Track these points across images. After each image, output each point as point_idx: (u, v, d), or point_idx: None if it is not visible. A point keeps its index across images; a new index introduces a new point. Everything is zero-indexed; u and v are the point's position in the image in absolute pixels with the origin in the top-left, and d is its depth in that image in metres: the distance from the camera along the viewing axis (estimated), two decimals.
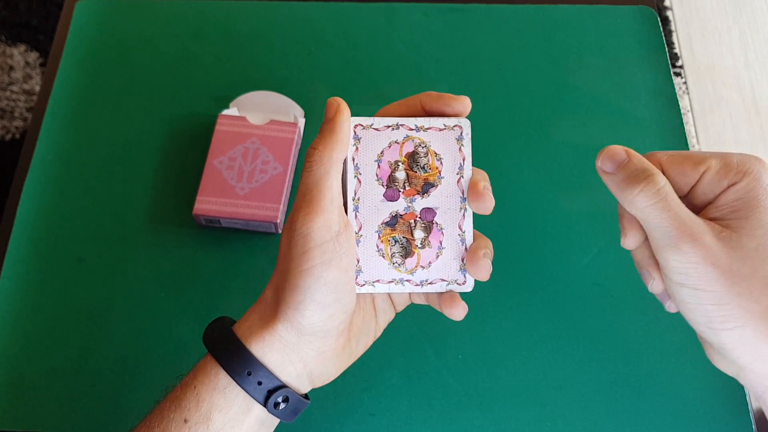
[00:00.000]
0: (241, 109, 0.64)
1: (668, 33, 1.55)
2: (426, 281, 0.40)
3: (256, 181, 0.60)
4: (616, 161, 0.37)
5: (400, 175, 0.39)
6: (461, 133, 0.39)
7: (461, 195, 0.39)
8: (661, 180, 0.36)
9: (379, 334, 0.44)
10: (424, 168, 0.39)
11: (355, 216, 0.39)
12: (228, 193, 0.59)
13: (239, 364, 0.38)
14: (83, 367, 0.56)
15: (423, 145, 0.39)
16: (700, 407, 0.55)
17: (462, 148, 0.39)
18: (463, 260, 0.40)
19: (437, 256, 0.40)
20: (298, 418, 0.41)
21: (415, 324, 0.58)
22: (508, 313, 0.58)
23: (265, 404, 0.38)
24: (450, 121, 0.39)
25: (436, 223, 0.40)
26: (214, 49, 0.71)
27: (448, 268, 0.40)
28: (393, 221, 0.39)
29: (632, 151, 0.37)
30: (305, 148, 0.65)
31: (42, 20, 1.47)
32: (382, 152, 0.39)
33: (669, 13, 1.58)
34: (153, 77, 0.69)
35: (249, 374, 0.37)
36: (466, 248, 0.40)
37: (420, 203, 0.39)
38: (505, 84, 0.69)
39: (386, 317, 0.44)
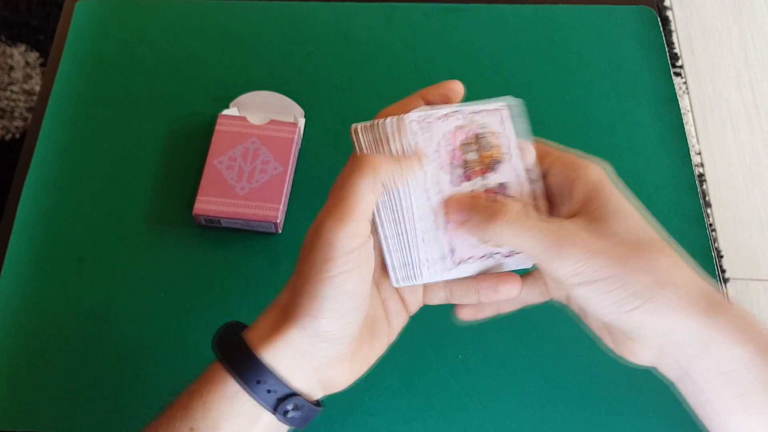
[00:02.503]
0: (241, 109, 0.64)
1: (668, 33, 1.55)
2: (514, 251, 0.41)
3: (256, 181, 0.60)
4: (464, 208, 0.39)
5: (472, 156, 0.40)
6: (505, 115, 0.41)
7: (524, 168, 0.41)
8: (513, 206, 0.38)
9: (393, 338, 0.43)
10: (490, 147, 0.40)
11: (440, 199, 0.40)
12: (228, 193, 0.59)
13: (249, 372, 0.37)
14: (83, 367, 0.56)
15: (483, 126, 0.40)
16: None
17: (508, 127, 0.41)
18: None
19: None
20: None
21: (415, 324, 0.58)
22: (508, 313, 0.58)
23: (275, 412, 0.37)
24: (494, 105, 0.41)
25: (512, 197, 0.40)
26: (214, 49, 0.71)
27: None
28: None
29: (474, 193, 0.39)
30: (305, 148, 0.65)
31: (42, 20, 1.47)
32: (450, 138, 0.40)
33: (669, 13, 1.58)
34: (153, 77, 0.69)
35: (258, 382, 0.37)
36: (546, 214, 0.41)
37: (493, 179, 0.40)
38: (505, 84, 0.69)
39: (400, 320, 0.43)
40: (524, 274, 0.42)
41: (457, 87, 0.40)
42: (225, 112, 0.63)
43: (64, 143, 0.65)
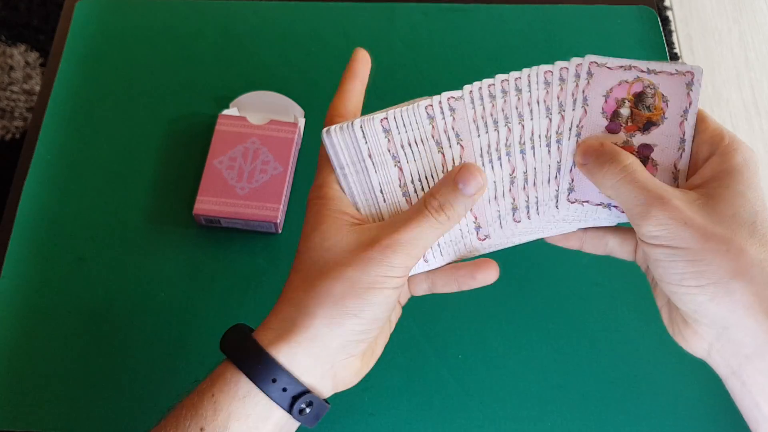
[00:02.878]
0: (241, 109, 0.64)
1: (668, 33, 1.55)
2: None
3: (256, 181, 0.60)
4: (590, 152, 0.39)
5: (625, 111, 0.40)
6: (692, 79, 0.40)
7: (681, 137, 0.40)
8: (626, 158, 0.38)
9: (392, 330, 0.44)
10: (648, 108, 0.40)
11: (576, 141, 0.40)
12: (228, 193, 0.59)
13: (264, 370, 0.37)
14: (83, 367, 0.56)
15: (652, 87, 0.40)
16: (699, 407, 0.55)
17: (690, 93, 0.40)
18: None
19: None
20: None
21: (415, 324, 0.58)
22: (508, 313, 0.58)
23: (290, 410, 0.38)
24: (683, 67, 0.40)
25: (652, 159, 0.40)
26: (214, 49, 0.71)
27: None
28: None
29: (605, 141, 0.40)
30: (305, 148, 0.65)
31: (42, 20, 1.47)
32: (611, 89, 0.40)
33: (669, 13, 1.58)
34: (153, 77, 0.69)
35: (274, 381, 0.37)
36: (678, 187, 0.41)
37: (639, 139, 0.40)
38: None
39: (396, 314, 0.44)
40: (626, 227, 0.42)
41: (362, 54, 0.45)
42: (225, 112, 0.63)
43: (64, 143, 0.65)
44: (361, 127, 0.40)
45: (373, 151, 0.40)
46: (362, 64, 0.44)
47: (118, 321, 0.58)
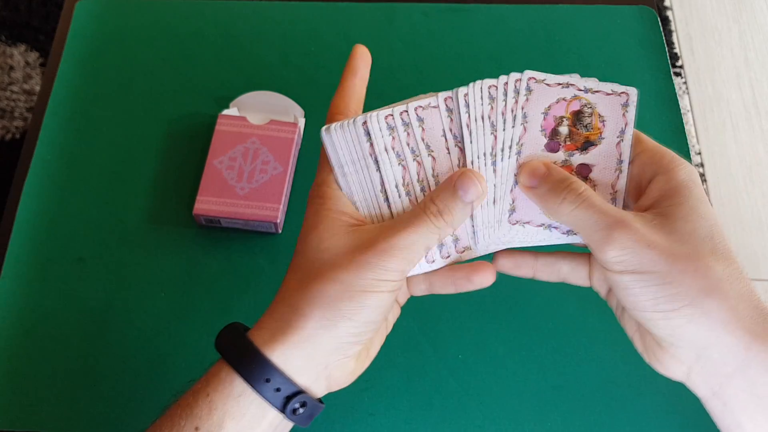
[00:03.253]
0: (241, 109, 0.64)
1: (668, 33, 1.55)
2: (572, 231, 0.41)
3: (256, 181, 0.60)
4: (537, 175, 0.39)
5: (563, 129, 0.40)
6: (627, 100, 0.41)
7: (618, 158, 0.41)
8: (581, 184, 0.38)
9: (389, 331, 0.44)
10: (587, 127, 0.41)
11: (517, 160, 0.40)
12: (228, 193, 0.59)
13: (258, 370, 0.37)
14: (83, 367, 0.56)
15: (589, 106, 0.41)
16: (699, 407, 0.55)
17: (626, 113, 0.41)
18: None
19: None
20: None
21: (415, 324, 0.58)
22: (508, 313, 0.58)
23: (283, 410, 0.38)
24: (618, 88, 0.41)
25: (590, 179, 0.41)
26: (214, 49, 0.71)
27: None
28: None
29: (550, 164, 0.39)
30: (305, 148, 0.65)
31: (42, 20, 1.47)
32: (549, 106, 0.40)
33: (669, 13, 1.58)
34: (153, 77, 0.69)
35: (267, 381, 0.37)
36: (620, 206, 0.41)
37: (578, 158, 0.41)
38: None
39: (394, 314, 0.44)
40: (577, 251, 0.42)
41: (362, 51, 0.44)
42: (225, 112, 0.63)
43: (64, 143, 0.65)
44: (363, 124, 0.39)
45: (376, 149, 0.40)
46: (362, 60, 0.44)
47: (118, 321, 0.58)
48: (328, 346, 0.38)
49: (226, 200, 0.59)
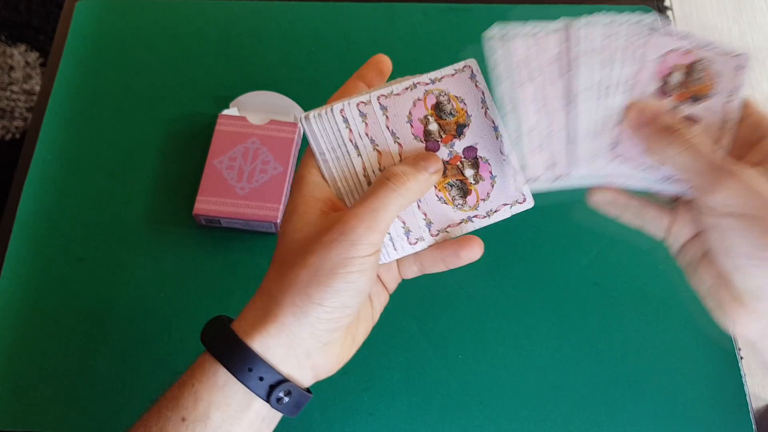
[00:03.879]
0: (241, 109, 0.64)
1: None
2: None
3: (256, 181, 0.60)
4: (647, 115, 0.39)
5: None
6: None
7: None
8: (693, 130, 0.38)
9: (376, 319, 0.44)
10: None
11: (625, 98, 0.41)
12: (228, 193, 0.59)
13: (240, 360, 0.38)
14: (83, 367, 0.56)
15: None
16: (700, 407, 0.55)
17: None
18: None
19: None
20: (298, 416, 0.41)
21: (415, 324, 0.58)
22: (508, 313, 0.58)
23: (267, 399, 0.38)
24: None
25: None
26: (214, 49, 0.71)
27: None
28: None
29: (661, 107, 0.40)
30: (305, 148, 0.65)
31: (42, 20, 1.47)
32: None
33: (669, 13, 1.58)
34: (153, 77, 0.69)
35: (250, 370, 0.37)
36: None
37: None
38: None
39: (381, 300, 0.44)
40: (664, 204, 0.42)
41: (385, 59, 0.44)
42: (225, 112, 0.63)
43: (64, 143, 0.65)
44: (341, 111, 0.40)
45: (355, 135, 0.40)
46: (373, 68, 0.44)
47: (118, 320, 0.58)
48: (302, 333, 0.38)
49: (226, 200, 0.59)
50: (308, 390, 0.40)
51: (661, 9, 1.57)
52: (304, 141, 0.65)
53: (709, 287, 0.40)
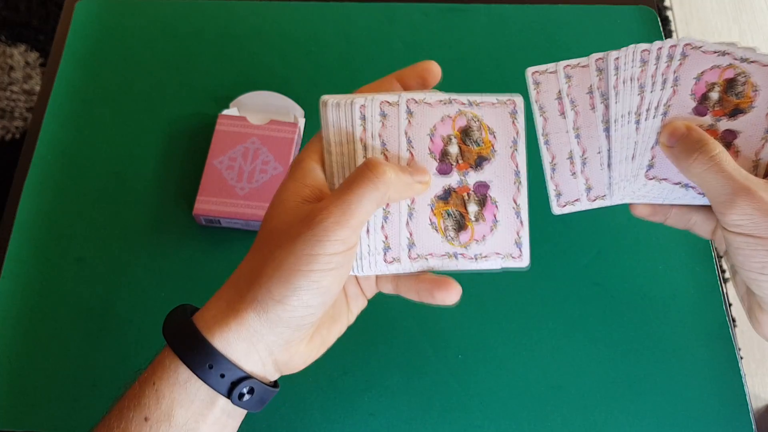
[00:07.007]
0: (241, 109, 0.64)
1: (668, 33, 1.55)
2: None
3: (256, 181, 0.60)
4: (676, 135, 0.40)
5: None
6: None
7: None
8: (715, 147, 0.39)
9: (352, 320, 0.42)
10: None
11: (662, 120, 0.41)
12: (228, 193, 0.59)
13: (200, 356, 0.36)
14: (83, 367, 0.56)
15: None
16: (700, 407, 0.55)
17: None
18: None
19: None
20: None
21: (415, 324, 0.58)
22: (508, 313, 0.58)
23: (229, 396, 0.37)
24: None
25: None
26: (214, 49, 0.71)
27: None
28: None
29: (692, 125, 0.40)
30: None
31: (42, 20, 1.47)
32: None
33: (669, 13, 1.58)
34: (153, 77, 0.69)
35: (210, 367, 0.36)
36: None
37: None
38: (505, 84, 0.69)
39: (358, 304, 0.42)
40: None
41: (434, 67, 0.39)
42: (225, 112, 0.63)
43: (64, 143, 0.65)
44: (361, 107, 0.38)
45: (367, 135, 0.38)
46: (416, 76, 0.40)
47: (118, 321, 0.58)
48: (263, 330, 0.36)
49: (226, 200, 0.59)
50: (275, 383, 0.39)
51: (661, 9, 1.57)
52: (304, 141, 0.65)
53: (742, 294, 0.42)
